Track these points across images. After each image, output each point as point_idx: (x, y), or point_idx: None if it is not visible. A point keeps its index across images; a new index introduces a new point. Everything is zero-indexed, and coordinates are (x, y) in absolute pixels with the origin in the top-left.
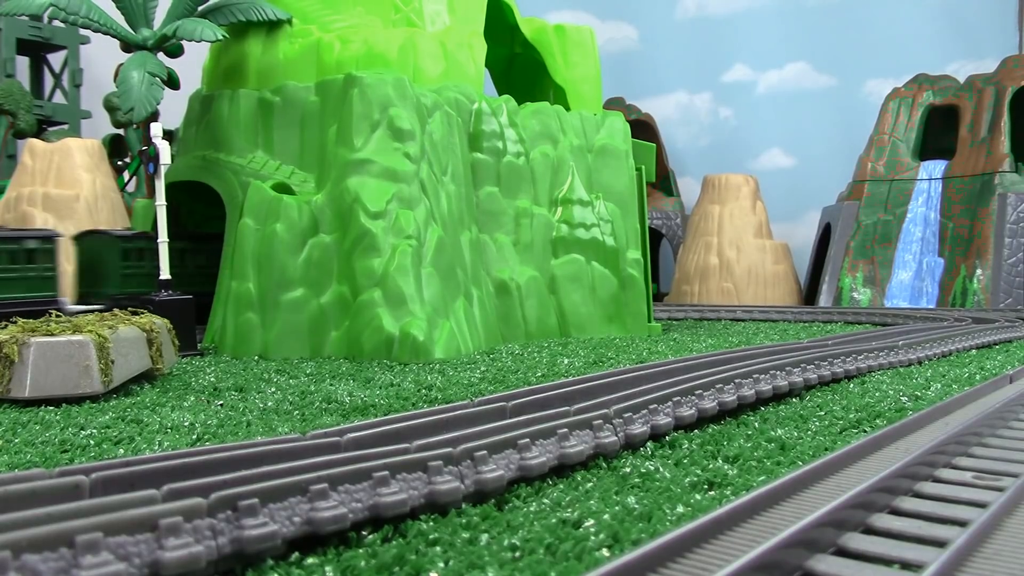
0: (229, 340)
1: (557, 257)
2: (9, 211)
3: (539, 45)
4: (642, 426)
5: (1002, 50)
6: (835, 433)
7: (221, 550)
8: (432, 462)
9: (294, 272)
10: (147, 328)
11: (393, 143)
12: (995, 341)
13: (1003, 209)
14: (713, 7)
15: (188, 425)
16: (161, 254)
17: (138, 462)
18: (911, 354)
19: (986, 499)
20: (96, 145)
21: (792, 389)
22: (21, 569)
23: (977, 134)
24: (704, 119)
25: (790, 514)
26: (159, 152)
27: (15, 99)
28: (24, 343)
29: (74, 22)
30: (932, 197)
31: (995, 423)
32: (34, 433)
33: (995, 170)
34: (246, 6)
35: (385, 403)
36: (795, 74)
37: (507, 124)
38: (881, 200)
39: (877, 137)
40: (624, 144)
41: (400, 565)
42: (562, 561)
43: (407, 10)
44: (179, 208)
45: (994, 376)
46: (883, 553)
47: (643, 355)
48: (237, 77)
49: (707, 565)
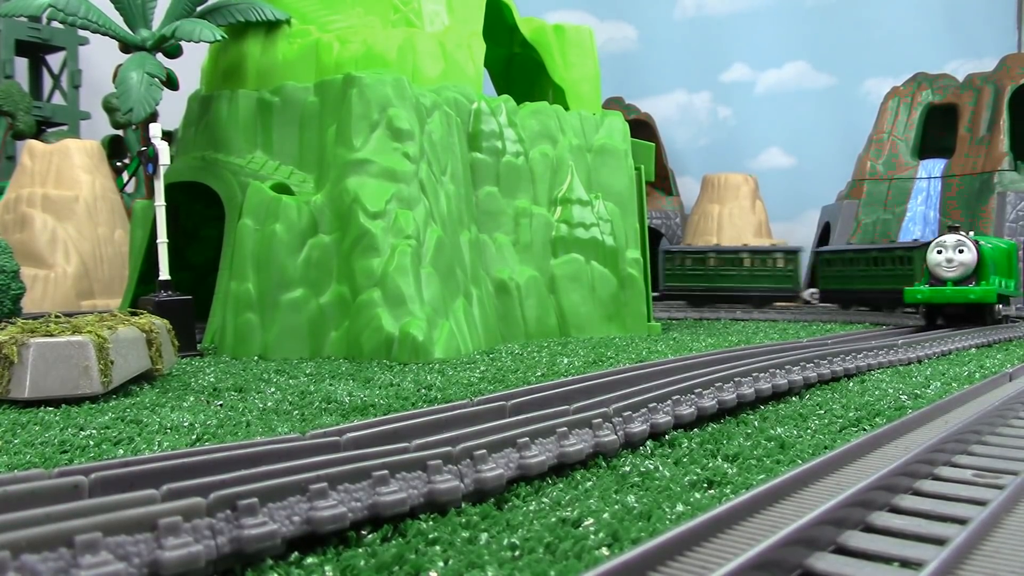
0: (228, 340)
1: (556, 257)
2: (8, 212)
3: (538, 45)
4: (641, 425)
5: (1001, 49)
6: (835, 431)
7: (220, 550)
8: (431, 461)
9: (293, 272)
10: (146, 329)
11: (392, 143)
12: (995, 340)
13: (1002, 207)
14: (712, 7)
15: (188, 425)
16: (160, 254)
17: (137, 462)
18: (911, 352)
19: (986, 497)
20: (95, 146)
21: (792, 388)
22: (20, 569)
23: (976, 133)
24: (703, 118)
25: (790, 512)
26: (158, 153)
27: (14, 100)
28: (23, 344)
29: (73, 23)
30: (931, 196)
31: (994, 421)
32: (33, 434)
33: (994, 169)
34: (245, 6)
35: (385, 403)
36: (794, 73)
37: (506, 124)
38: (880, 199)
39: (876, 136)
40: (623, 144)
41: (400, 564)
42: (562, 560)
43: (406, 10)
44: (178, 209)
45: (993, 374)
46: (883, 551)
47: (643, 354)
48: (236, 78)
49: (707, 563)
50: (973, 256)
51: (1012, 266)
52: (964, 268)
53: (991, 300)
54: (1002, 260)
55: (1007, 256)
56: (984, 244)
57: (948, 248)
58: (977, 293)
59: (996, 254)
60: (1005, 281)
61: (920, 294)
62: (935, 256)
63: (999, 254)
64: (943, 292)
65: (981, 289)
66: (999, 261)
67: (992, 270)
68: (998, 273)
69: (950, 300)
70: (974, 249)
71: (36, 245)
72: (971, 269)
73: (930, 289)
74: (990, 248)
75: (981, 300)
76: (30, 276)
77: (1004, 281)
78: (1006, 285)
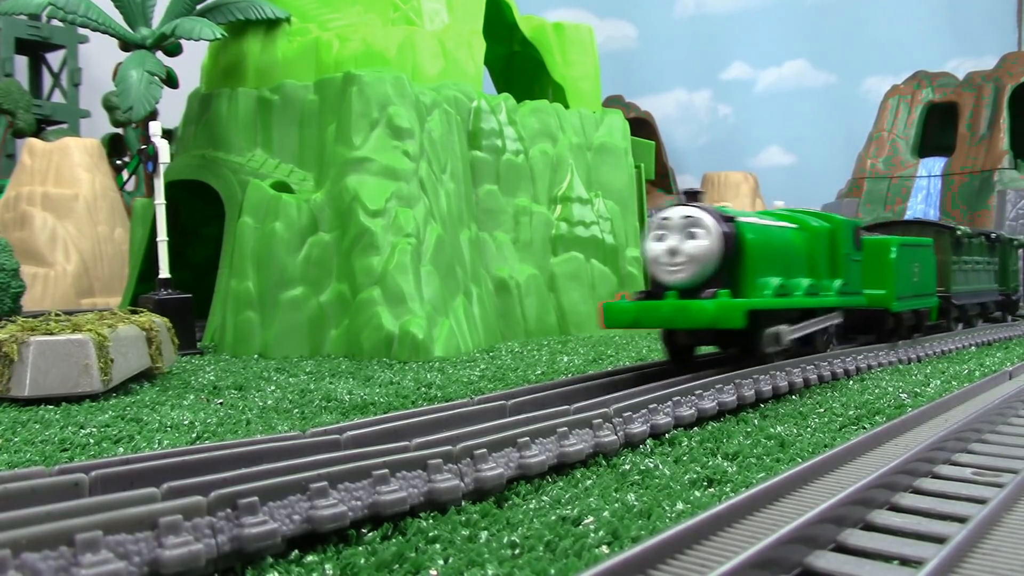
0: (228, 339)
1: (556, 255)
2: (8, 210)
3: (538, 43)
4: (642, 425)
5: (1001, 47)
6: (835, 430)
7: (221, 548)
8: (432, 460)
9: (293, 271)
10: (146, 327)
11: (392, 141)
12: (994, 339)
13: (1002, 205)
14: (712, 5)
15: (188, 423)
16: (160, 252)
17: (138, 460)
18: (910, 352)
19: (985, 495)
20: (95, 144)
21: (792, 388)
22: (21, 568)
23: (976, 131)
24: (703, 117)
25: (790, 510)
26: (158, 151)
27: (14, 98)
28: (24, 342)
29: (72, 21)
30: (931, 194)
31: (994, 419)
32: (34, 432)
33: (994, 167)
34: (245, 5)
35: (385, 401)
36: (794, 72)
37: (506, 122)
38: (881, 197)
39: (876, 134)
40: (623, 142)
41: (400, 563)
42: (562, 558)
43: (406, 8)
44: (178, 207)
45: (993, 373)
46: (882, 549)
47: (643, 353)
48: (236, 76)
49: (706, 562)
50: (715, 245)
51: (837, 257)
52: (696, 266)
53: (734, 324)
54: (801, 250)
55: (829, 241)
56: (751, 221)
57: (672, 231)
58: (710, 311)
59: (781, 240)
60: (820, 283)
61: (619, 313)
62: (653, 246)
63: (795, 240)
64: (655, 309)
65: (717, 304)
66: (792, 250)
67: (767, 268)
68: (790, 271)
69: (668, 323)
70: (718, 231)
71: (36, 243)
72: (710, 267)
73: (636, 305)
74: (764, 229)
75: (718, 323)
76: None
77: (819, 283)
78: (824, 289)
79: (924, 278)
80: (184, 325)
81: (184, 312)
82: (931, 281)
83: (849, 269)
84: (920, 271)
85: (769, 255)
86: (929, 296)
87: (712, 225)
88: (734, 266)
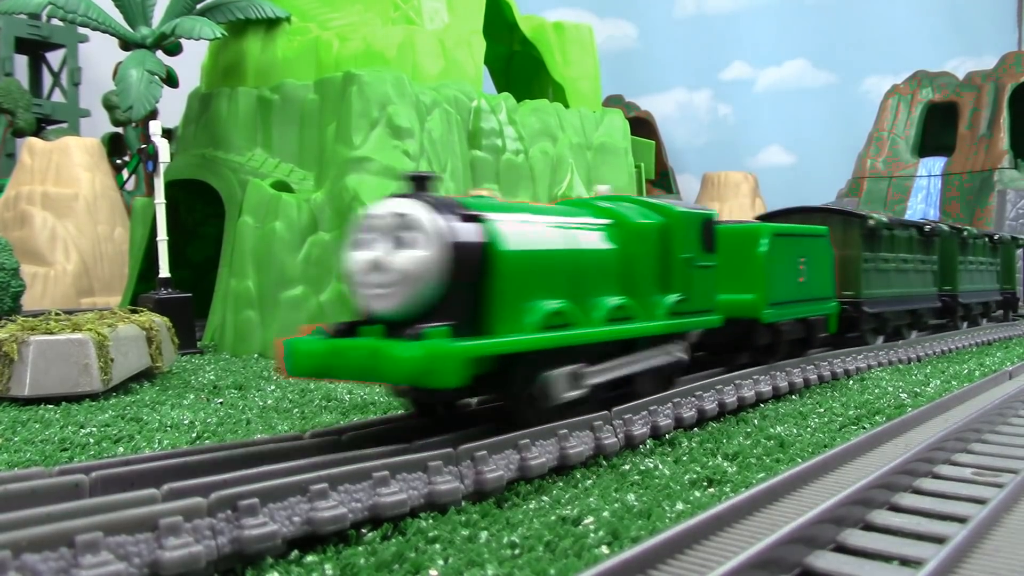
0: (228, 338)
1: None
2: (8, 209)
3: (538, 43)
4: (642, 427)
5: (1001, 47)
6: (834, 430)
7: (221, 550)
8: (432, 462)
9: (293, 270)
10: (146, 326)
11: (392, 141)
12: (994, 338)
13: (1002, 205)
14: (712, 5)
15: (188, 423)
16: (160, 252)
17: (138, 460)
18: (910, 351)
19: (985, 495)
20: (95, 144)
21: (792, 388)
22: (21, 569)
23: (976, 131)
24: (703, 116)
25: (790, 510)
26: (158, 150)
27: (14, 98)
28: (24, 341)
29: (72, 20)
30: (931, 194)
31: (994, 419)
32: (34, 431)
33: (994, 166)
34: (245, 4)
35: (384, 401)
36: (794, 71)
37: (506, 122)
38: (880, 197)
39: (876, 134)
40: (623, 141)
41: (400, 563)
42: (561, 558)
43: (406, 8)
44: (178, 206)
45: (993, 372)
46: (882, 549)
47: None
48: (236, 75)
49: (706, 561)
50: (435, 256)
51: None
52: (407, 288)
53: (446, 381)
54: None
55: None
56: (513, 220)
57: (380, 235)
58: (409, 361)
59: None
60: (644, 300)
61: (304, 356)
62: (353, 256)
63: (598, 243)
64: (344, 354)
65: (423, 350)
66: (590, 258)
67: (538, 287)
68: (585, 288)
69: (361, 375)
70: (439, 237)
71: (36, 243)
72: (430, 290)
73: (325, 345)
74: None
75: (422, 379)
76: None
77: (641, 301)
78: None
79: (815, 278)
80: (184, 324)
81: (184, 311)
82: (826, 282)
83: (692, 278)
84: (809, 269)
85: (541, 268)
86: (823, 301)
87: (431, 228)
88: (478, 288)
